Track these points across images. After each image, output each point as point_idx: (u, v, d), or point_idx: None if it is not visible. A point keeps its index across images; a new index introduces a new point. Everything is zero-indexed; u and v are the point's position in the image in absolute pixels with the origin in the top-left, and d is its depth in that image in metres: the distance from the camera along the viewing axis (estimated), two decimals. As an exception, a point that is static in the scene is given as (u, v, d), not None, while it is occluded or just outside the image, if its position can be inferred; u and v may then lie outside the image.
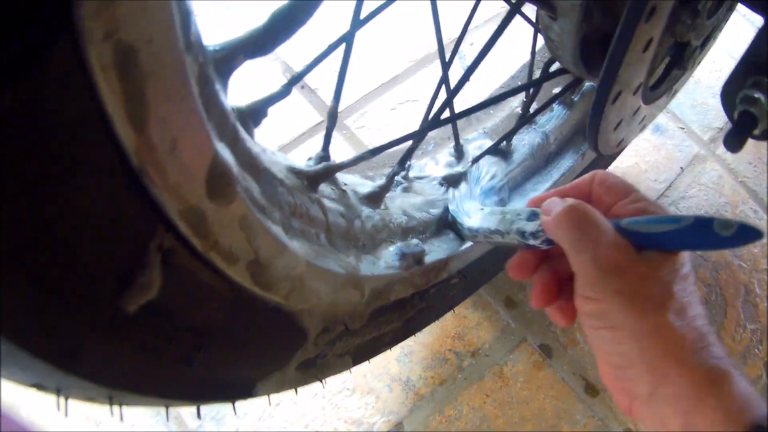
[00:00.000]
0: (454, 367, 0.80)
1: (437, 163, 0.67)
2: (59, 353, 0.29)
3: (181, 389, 0.40)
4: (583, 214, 0.41)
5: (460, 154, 0.66)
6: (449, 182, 0.65)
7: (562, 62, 0.54)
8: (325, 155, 0.49)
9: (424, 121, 0.55)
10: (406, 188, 0.63)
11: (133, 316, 0.30)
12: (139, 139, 0.23)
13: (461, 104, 0.57)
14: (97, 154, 0.23)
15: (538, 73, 0.73)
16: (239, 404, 0.48)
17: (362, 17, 0.45)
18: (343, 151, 0.92)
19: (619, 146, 0.54)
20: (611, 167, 0.93)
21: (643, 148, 1.01)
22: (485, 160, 0.65)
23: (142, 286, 0.29)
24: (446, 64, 0.57)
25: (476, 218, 0.54)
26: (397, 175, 0.59)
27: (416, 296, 0.60)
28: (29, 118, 0.21)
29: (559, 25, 0.48)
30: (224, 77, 0.35)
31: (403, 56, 1.02)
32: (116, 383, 0.34)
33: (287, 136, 0.92)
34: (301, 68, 0.44)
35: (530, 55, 0.70)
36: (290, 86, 0.42)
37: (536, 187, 0.71)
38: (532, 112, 0.67)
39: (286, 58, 0.98)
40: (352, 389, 0.77)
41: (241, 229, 0.32)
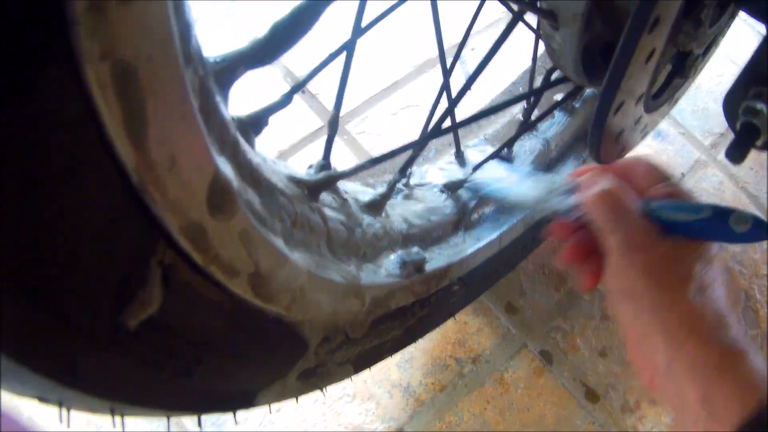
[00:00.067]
0: (454, 373, 0.79)
1: (438, 169, 0.67)
2: (59, 369, 0.29)
3: (181, 401, 0.40)
4: (616, 198, 0.45)
5: (461, 161, 0.66)
6: (450, 189, 0.65)
7: (563, 70, 0.53)
8: (326, 164, 0.48)
9: (424, 130, 0.55)
10: (406, 195, 0.63)
11: (133, 331, 0.30)
12: (138, 157, 0.23)
13: (462, 110, 0.56)
14: (96, 172, 0.23)
15: (539, 78, 0.73)
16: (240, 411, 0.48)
17: (363, 25, 0.45)
18: (343, 156, 0.92)
19: (620, 155, 0.54)
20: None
21: (644, 153, 1.01)
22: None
23: (142, 301, 0.29)
24: (447, 71, 0.57)
25: (516, 191, 0.57)
26: (397, 183, 0.59)
27: (417, 304, 0.59)
28: (27, 137, 0.21)
29: (560, 34, 0.48)
30: (225, 88, 0.34)
31: (404, 61, 1.02)
32: (117, 397, 0.34)
33: (288, 141, 0.91)
34: (301, 73, 0.44)
35: (531, 61, 0.69)
36: (291, 95, 0.42)
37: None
38: (533, 119, 0.67)
39: (287, 62, 0.98)
40: (352, 395, 0.77)
41: (241, 242, 0.32)
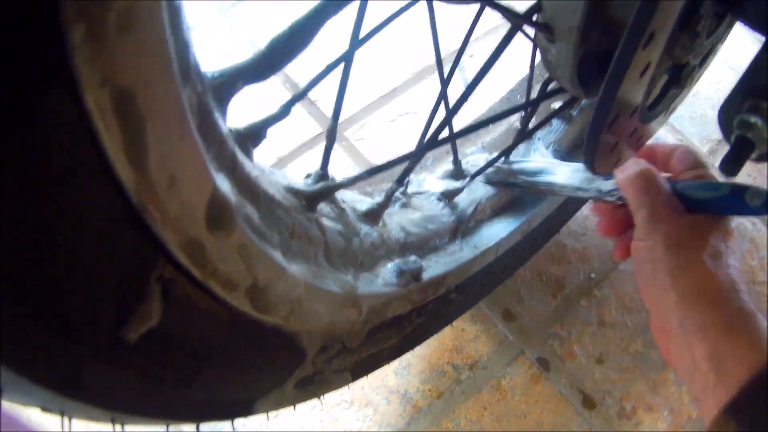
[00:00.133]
0: (451, 379, 0.80)
1: (436, 177, 0.67)
2: (60, 381, 0.30)
3: (181, 410, 0.41)
4: (649, 178, 0.52)
5: (458, 170, 0.66)
6: (447, 197, 0.65)
7: (559, 82, 0.54)
8: (323, 173, 0.49)
9: (421, 141, 0.55)
10: (404, 204, 0.63)
11: (134, 344, 0.30)
12: (138, 178, 0.24)
13: (460, 116, 0.57)
14: (97, 193, 0.24)
15: (537, 86, 0.73)
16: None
17: (361, 37, 0.45)
18: (342, 162, 0.92)
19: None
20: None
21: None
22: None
23: (143, 315, 0.29)
24: (445, 81, 0.57)
25: (561, 176, 0.62)
26: (395, 192, 0.59)
27: (414, 312, 0.60)
28: (28, 164, 0.21)
29: (556, 47, 0.48)
30: (223, 104, 0.35)
31: (402, 68, 1.02)
32: (118, 407, 0.35)
33: (286, 147, 0.92)
34: (300, 79, 0.44)
35: (529, 69, 0.70)
36: (289, 107, 0.43)
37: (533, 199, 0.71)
38: (531, 128, 0.67)
39: (286, 69, 0.98)
40: (350, 402, 0.77)
41: (240, 257, 0.33)
